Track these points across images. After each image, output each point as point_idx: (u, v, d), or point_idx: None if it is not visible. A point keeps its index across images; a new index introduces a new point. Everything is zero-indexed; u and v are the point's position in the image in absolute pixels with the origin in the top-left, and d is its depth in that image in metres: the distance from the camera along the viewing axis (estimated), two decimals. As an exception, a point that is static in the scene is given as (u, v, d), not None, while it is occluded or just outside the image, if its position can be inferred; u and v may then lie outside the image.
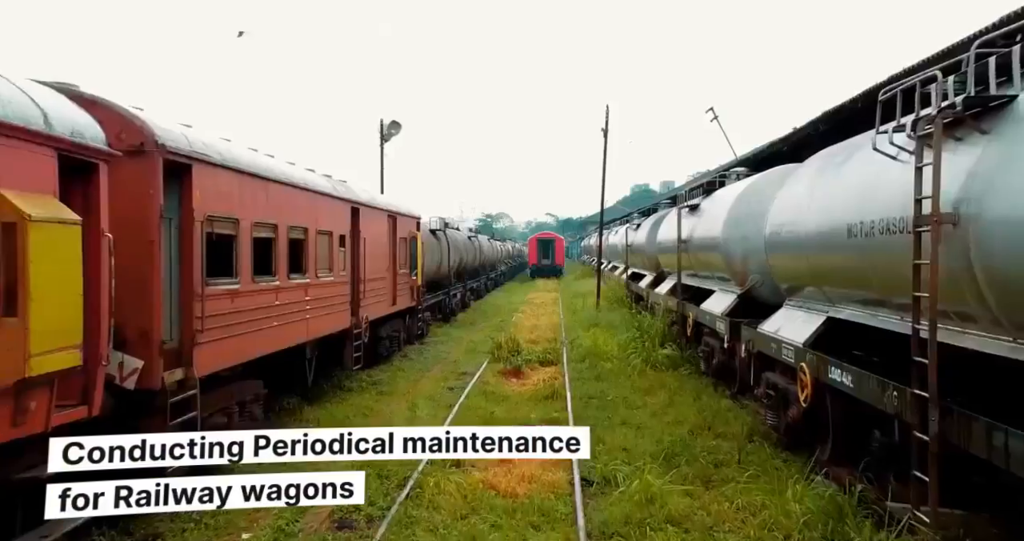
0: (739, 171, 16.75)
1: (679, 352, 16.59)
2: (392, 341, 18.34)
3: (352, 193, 13.99)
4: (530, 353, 18.51)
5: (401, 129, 31.79)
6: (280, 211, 9.93)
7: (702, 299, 16.21)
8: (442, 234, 27.40)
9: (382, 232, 16.12)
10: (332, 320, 12.41)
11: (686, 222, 17.27)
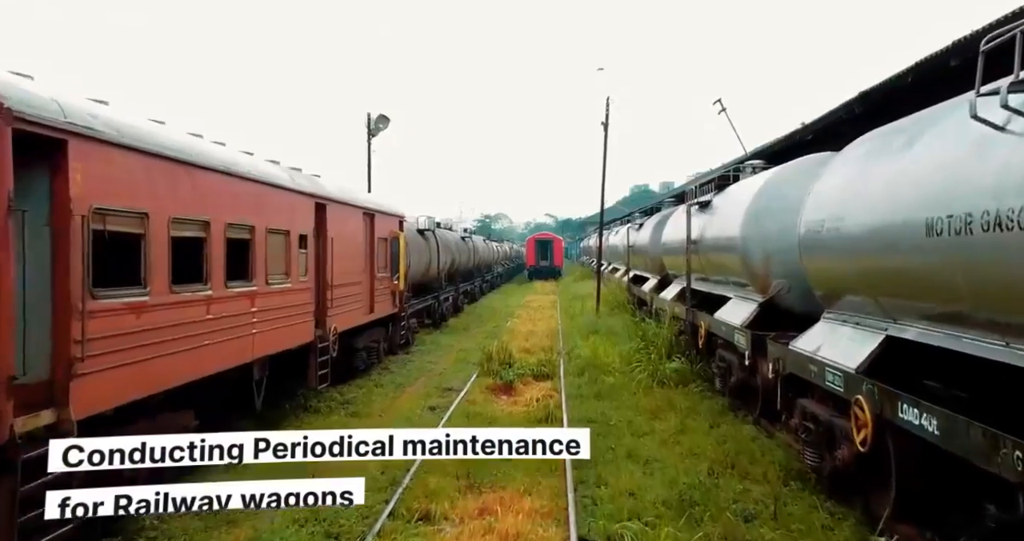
0: (755, 164, 15.04)
1: (688, 365, 14.85)
2: (370, 352, 16.58)
3: (317, 186, 12.25)
4: (523, 365, 16.77)
5: (389, 123, 30.09)
6: (214, 205, 8.19)
7: (715, 306, 14.49)
8: (431, 234, 25.66)
9: (356, 231, 14.38)
10: (290, 333, 10.66)
11: (696, 221, 15.54)
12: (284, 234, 10.51)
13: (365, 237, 15.20)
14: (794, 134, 13.57)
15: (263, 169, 9.77)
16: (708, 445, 10.06)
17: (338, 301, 13.00)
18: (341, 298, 13.21)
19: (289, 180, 10.76)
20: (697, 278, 15.73)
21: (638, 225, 27.85)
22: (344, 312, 13.46)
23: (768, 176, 11.78)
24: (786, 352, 9.02)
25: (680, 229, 17.80)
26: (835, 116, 11.72)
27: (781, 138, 14.43)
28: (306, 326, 11.47)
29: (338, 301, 13.00)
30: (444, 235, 29.69)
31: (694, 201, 15.85)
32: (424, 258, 24.24)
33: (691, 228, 15.55)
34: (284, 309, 10.38)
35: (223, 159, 8.53)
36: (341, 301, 13.22)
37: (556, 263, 64.07)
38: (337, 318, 12.95)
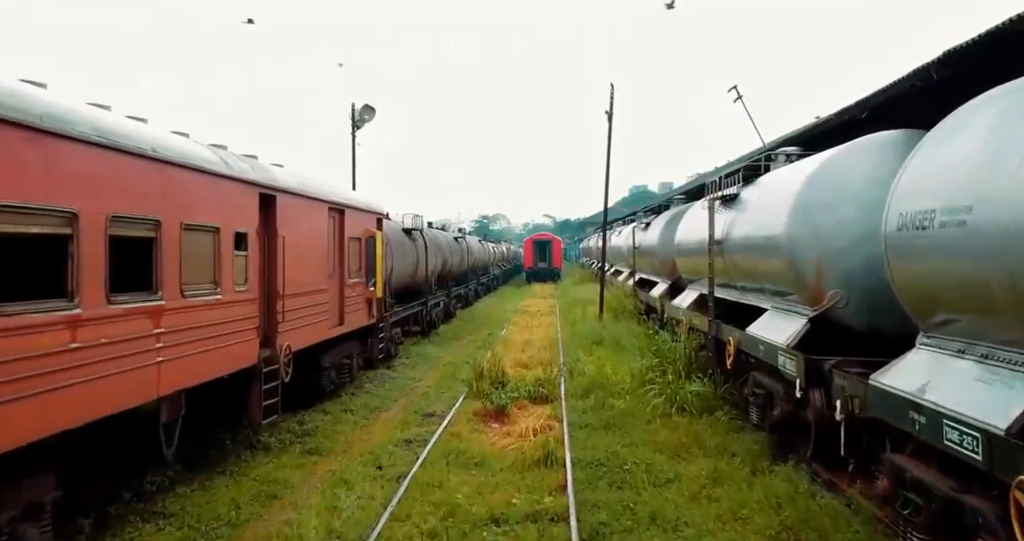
0: (788, 151, 12.81)
1: (712, 388, 12.58)
2: (341, 370, 14.31)
3: (264, 174, 9.97)
4: (519, 384, 14.52)
5: (375, 114, 27.80)
6: (86, 191, 5.91)
7: (744, 318, 12.25)
8: (418, 234, 23.38)
9: (319, 229, 12.11)
10: (220, 357, 8.39)
11: (720, 217, 13.30)
12: (211, 232, 8.24)
13: (332, 236, 12.93)
14: (843, 112, 11.29)
15: (175, 146, 7.47)
16: (753, 504, 7.80)
17: (293, 314, 10.72)
18: (297, 310, 10.93)
19: (220, 164, 8.47)
20: (721, 284, 13.47)
21: (644, 224, 25.58)
22: (302, 326, 11.18)
23: (822, 161, 9.52)
24: (866, 389, 6.76)
25: (698, 228, 15.55)
26: (903, 86, 9.42)
27: (824, 119, 12.18)
28: (246, 347, 9.19)
29: (293, 314, 10.72)
30: (434, 235, 27.42)
31: (717, 195, 13.60)
32: (410, 260, 21.98)
33: (715, 226, 13.31)
34: (210, 327, 8.10)
35: (102, 126, 6.23)
36: (297, 313, 10.94)
37: (555, 265, 61.72)
38: (291, 334, 10.67)
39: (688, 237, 16.77)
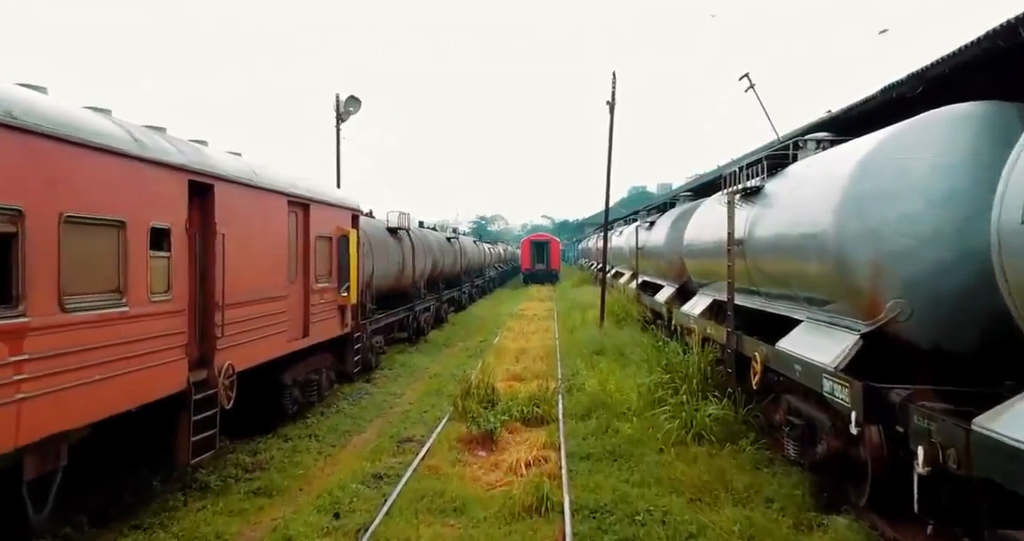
0: (819, 137, 11.13)
1: (733, 411, 10.84)
2: (307, 388, 12.55)
3: (197, 156, 8.20)
4: (511, 402, 12.79)
5: (361, 106, 26.05)
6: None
7: (770, 329, 10.55)
8: (404, 234, 21.63)
9: (275, 227, 10.36)
10: (125, 387, 6.63)
11: (741, 214, 11.58)
12: (113, 227, 6.49)
13: (293, 235, 11.18)
14: (890, 89, 9.54)
15: (52, 114, 5.72)
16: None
17: (238, 326, 8.97)
18: (245, 322, 9.18)
19: (126, 140, 6.71)
20: (741, 290, 11.75)
21: (648, 223, 23.85)
22: (252, 341, 9.43)
23: (877, 142, 7.78)
24: (968, 438, 5.02)
25: (713, 226, 13.83)
26: (973, 52, 7.67)
27: (863, 99, 10.44)
28: (169, 370, 7.43)
29: (238, 326, 8.97)
30: (423, 235, 25.68)
31: (737, 188, 11.88)
32: (395, 262, 20.24)
33: (735, 224, 11.60)
34: (110, 349, 6.36)
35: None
36: (245, 326, 9.19)
37: (553, 266, 59.91)
38: (236, 351, 8.93)
39: (700, 237, 15.06)
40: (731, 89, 26.61)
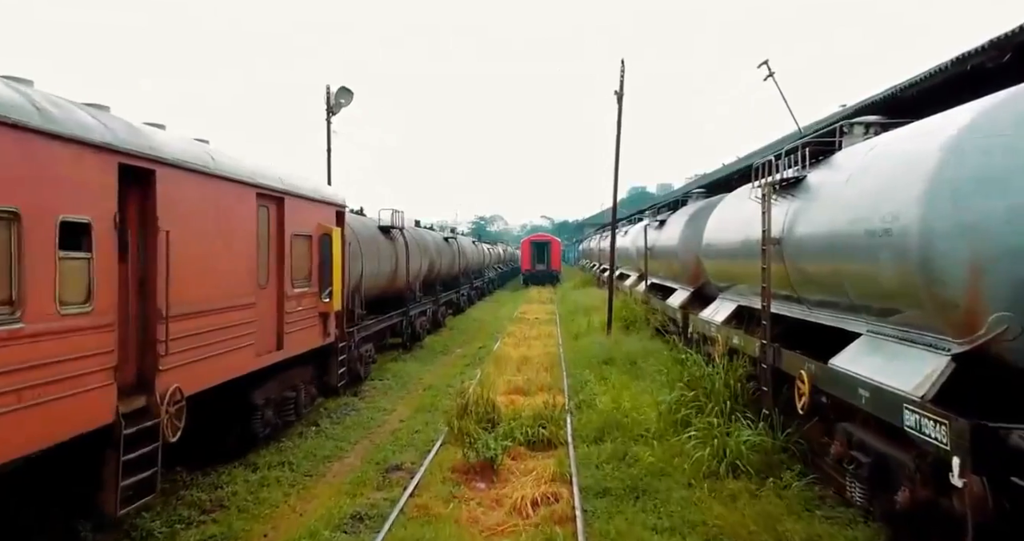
0: (869, 120, 9.70)
1: (771, 436, 9.36)
2: (283, 407, 11.06)
3: (131, 136, 6.70)
4: (513, 422, 11.33)
5: (352, 98, 24.54)
6: None
7: (816, 343, 9.10)
8: (398, 233, 20.14)
9: (239, 223, 8.87)
10: (21, 427, 5.14)
11: (779, 209, 10.11)
12: (7, 220, 5.00)
13: (264, 232, 9.70)
14: (963, 61, 8.06)
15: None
16: None
17: (189, 341, 7.48)
18: (198, 335, 7.69)
19: (24, 108, 5.22)
20: (780, 296, 10.26)
21: (658, 222, 22.34)
22: (208, 358, 7.94)
23: (973, 117, 6.26)
24: None
25: (739, 223, 12.37)
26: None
27: (932, 71, 8.94)
28: (89, 400, 5.93)
29: (189, 341, 7.48)
30: (419, 235, 24.20)
31: (773, 180, 10.40)
32: (388, 263, 18.76)
33: (770, 220, 10.12)
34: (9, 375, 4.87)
35: None
36: (198, 340, 7.70)
37: (554, 267, 58.37)
38: (187, 370, 7.44)
39: (722, 235, 13.58)
40: (760, 65, 25.50)
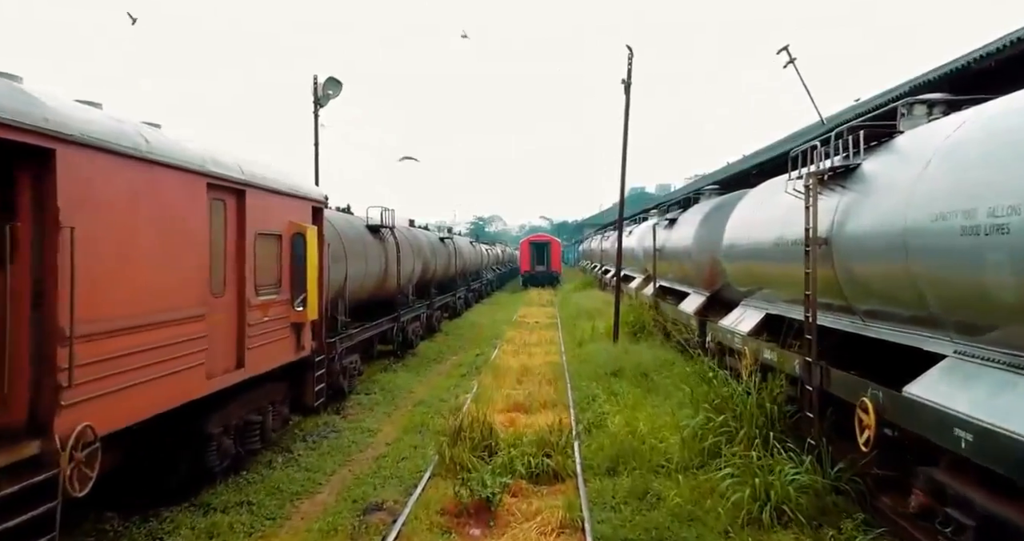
0: (933, 98, 8.32)
1: (816, 470, 7.85)
2: (246, 434, 9.54)
3: (23, 105, 5.19)
4: (513, 451, 9.83)
5: (341, 89, 23.02)
6: None
7: (873, 361, 7.61)
8: (388, 233, 18.60)
9: (183, 220, 7.33)
10: None
11: (827, 203, 8.62)
12: None
13: (217, 231, 8.18)
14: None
15: None
16: None
17: (106, 367, 5.96)
18: (123, 357, 6.18)
19: None
20: (826, 305, 8.75)
21: (668, 221, 20.83)
22: (134, 385, 6.42)
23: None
24: None
25: (770, 220, 10.91)
26: None
27: (1016, 39, 7.47)
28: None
29: (106, 367, 5.96)
30: (412, 235, 22.66)
31: (821, 169, 8.89)
32: (377, 265, 17.23)
33: (815, 216, 8.61)
34: None
35: None
36: (122, 364, 6.18)
37: (554, 268, 56.79)
38: (104, 403, 5.92)
39: (748, 234, 12.07)
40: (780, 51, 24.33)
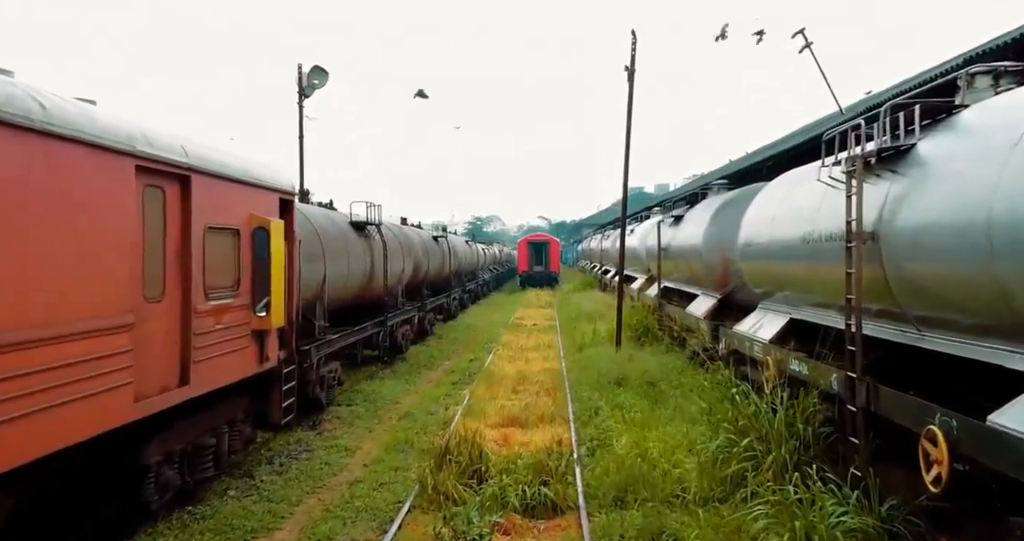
0: (1007, 65, 7.04)
1: (865, 508, 6.55)
2: (196, 461, 8.24)
3: None
4: (506, 478, 8.54)
5: (327, 79, 21.72)
6: None
7: (930, 377, 6.35)
8: (375, 231, 17.31)
9: (99, 210, 6.04)
10: None
11: (875, 192, 7.32)
12: None
13: (153, 224, 6.89)
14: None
15: None
16: None
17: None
18: (6, 382, 4.86)
19: None
20: (873, 311, 7.45)
21: (673, 218, 19.53)
22: (21, 417, 5.11)
23: None
24: None
25: (795, 214, 9.65)
26: None
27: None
28: None
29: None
30: (404, 233, 21.39)
31: (865, 151, 7.59)
32: (361, 265, 15.95)
33: (858, 208, 7.33)
34: None
35: None
36: (4, 390, 4.86)
37: (552, 268, 55.47)
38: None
39: (770, 230, 10.78)
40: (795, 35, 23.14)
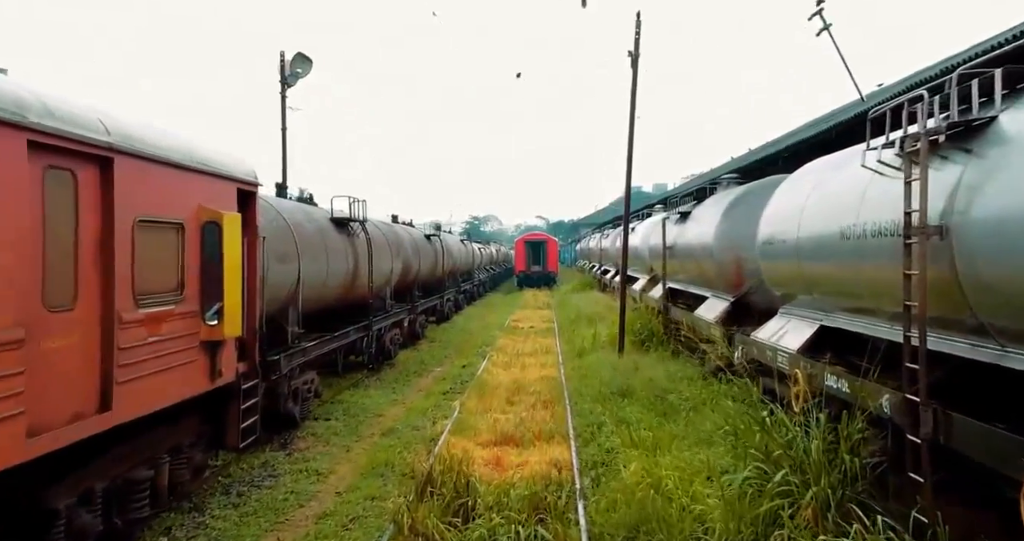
0: None
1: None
2: (127, 500, 6.94)
3: None
4: (498, 512, 7.28)
5: (311, 67, 20.45)
6: None
7: (1002, 399, 5.07)
8: (358, 227, 16.01)
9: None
10: None
11: (941, 178, 6.06)
12: None
13: (59, 217, 5.62)
14: None
15: None
16: None
17: None
18: None
19: None
20: (940, 322, 6.19)
21: (679, 215, 18.26)
22: None
23: None
24: None
25: (830, 206, 8.40)
26: None
27: None
28: None
29: None
30: (392, 231, 20.10)
31: (933, 127, 6.32)
32: (343, 264, 14.67)
33: (920, 196, 6.06)
34: None
35: None
36: None
37: (550, 268, 54.20)
38: None
39: (798, 225, 9.53)
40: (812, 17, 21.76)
